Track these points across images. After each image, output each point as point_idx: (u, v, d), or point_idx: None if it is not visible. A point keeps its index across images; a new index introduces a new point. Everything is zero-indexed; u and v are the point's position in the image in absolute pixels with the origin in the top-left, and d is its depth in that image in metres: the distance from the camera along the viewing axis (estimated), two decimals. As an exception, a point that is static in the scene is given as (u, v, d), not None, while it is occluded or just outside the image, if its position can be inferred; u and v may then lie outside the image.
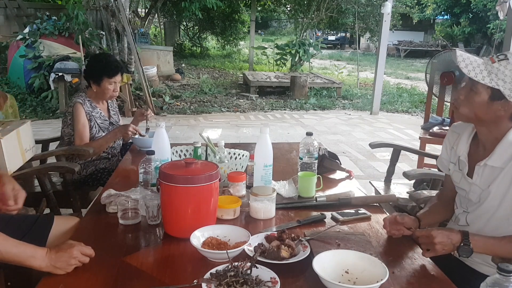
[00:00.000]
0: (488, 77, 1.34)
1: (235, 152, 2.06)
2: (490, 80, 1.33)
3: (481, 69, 1.35)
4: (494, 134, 1.42)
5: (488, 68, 1.35)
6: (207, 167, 1.48)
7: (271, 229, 1.51)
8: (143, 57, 8.65)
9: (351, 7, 12.66)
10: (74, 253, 1.23)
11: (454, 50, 1.43)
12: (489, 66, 1.35)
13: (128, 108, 6.99)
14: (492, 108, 1.36)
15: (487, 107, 1.36)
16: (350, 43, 24.98)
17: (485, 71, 1.34)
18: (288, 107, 8.29)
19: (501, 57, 1.35)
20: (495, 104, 1.35)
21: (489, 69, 1.34)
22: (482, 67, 1.35)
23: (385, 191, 2.72)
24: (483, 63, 1.36)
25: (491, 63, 1.35)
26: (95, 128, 2.65)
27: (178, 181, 1.39)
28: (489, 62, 1.36)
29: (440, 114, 3.83)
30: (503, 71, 1.32)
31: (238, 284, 1.08)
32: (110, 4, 7.70)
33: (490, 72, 1.34)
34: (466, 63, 1.35)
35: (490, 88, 1.34)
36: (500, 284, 0.92)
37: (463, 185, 1.52)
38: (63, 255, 1.23)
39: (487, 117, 1.39)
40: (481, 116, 1.39)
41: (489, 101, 1.35)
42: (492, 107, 1.36)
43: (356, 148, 5.66)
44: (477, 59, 1.38)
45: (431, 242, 1.31)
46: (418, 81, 12.30)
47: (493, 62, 1.35)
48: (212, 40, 18.71)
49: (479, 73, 1.34)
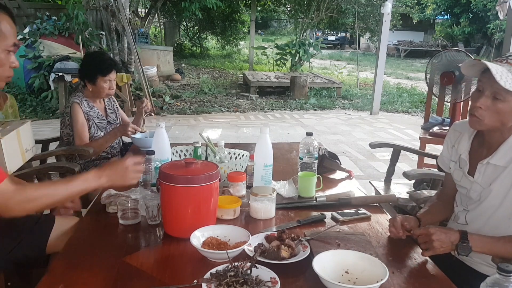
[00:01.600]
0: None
1: (235, 152, 2.06)
2: None
3: (511, 77, 1.30)
4: (505, 136, 1.41)
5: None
6: (207, 167, 1.48)
7: (271, 229, 1.51)
8: (143, 57, 8.65)
9: (351, 7, 12.66)
10: (127, 164, 1.31)
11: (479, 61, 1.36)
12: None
13: (128, 108, 6.98)
14: None
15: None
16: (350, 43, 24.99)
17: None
18: (288, 107, 8.30)
19: None
20: None
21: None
22: (511, 75, 1.31)
23: (385, 191, 2.73)
24: (508, 70, 1.32)
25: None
26: (93, 127, 2.65)
27: (178, 181, 1.39)
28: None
29: (440, 114, 3.83)
30: None
31: (238, 284, 1.08)
32: (110, 4, 7.70)
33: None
34: (500, 75, 1.30)
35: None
36: (500, 284, 0.92)
37: (464, 184, 1.52)
38: (117, 168, 1.32)
39: (509, 123, 1.37)
40: (505, 122, 1.37)
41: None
42: None
43: (356, 148, 5.66)
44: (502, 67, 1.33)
45: (429, 240, 1.32)
46: (418, 81, 12.30)
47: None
48: (212, 40, 18.72)
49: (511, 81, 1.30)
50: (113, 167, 1.37)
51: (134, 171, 1.36)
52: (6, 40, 1.29)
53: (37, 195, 1.28)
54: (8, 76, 1.35)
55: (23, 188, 1.28)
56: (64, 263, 1.28)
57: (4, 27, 1.28)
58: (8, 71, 1.34)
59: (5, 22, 1.28)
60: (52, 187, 1.37)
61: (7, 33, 1.28)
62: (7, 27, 1.29)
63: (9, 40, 1.30)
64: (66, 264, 1.27)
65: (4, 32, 1.28)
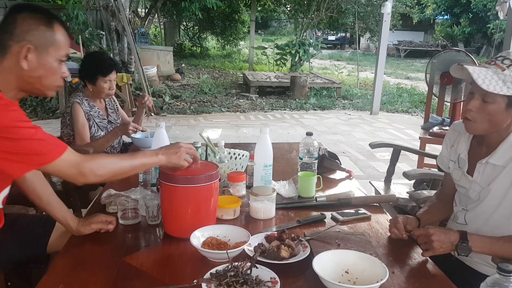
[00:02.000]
0: (504, 86, 1.32)
1: (235, 152, 2.06)
2: (507, 89, 1.32)
3: (495, 80, 1.33)
4: (503, 135, 1.42)
5: (501, 77, 1.34)
6: (207, 167, 1.48)
7: (271, 229, 1.51)
8: (143, 57, 8.65)
9: (351, 7, 12.67)
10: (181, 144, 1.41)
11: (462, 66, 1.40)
12: (501, 75, 1.34)
13: (128, 108, 6.98)
14: (510, 114, 1.36)
15: (506, 114, 1.36)
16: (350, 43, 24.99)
17: (500, 81, 1.33)
18: (288, 107, 8.30)
19: (507, 62, 1.35)
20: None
21: (502, 78, 1.33)
22: (496, 78, 1.34)
23: (385, 191, 2.73)
24: (494, 72, 1.35)
25: (501, 71, 1.34)
26: (94, 127, 2.65)
27: (178, 181, 1.39)
28: (499, 70, 1.35)
29: (440, 114, 3.83)
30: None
31: (238, 284, 1.08)
32: (110, 4, 7.70)
33: (505, 81, 1.33)
34: (482, 78, 1.33)
35: (506, 96, 1.33)
36: (500, 284, 0.92)
37: (463, 183, 1.52)
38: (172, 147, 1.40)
39: (503, 124, 1.38)
40: (499, 124, 1.38)
41: (507, 108, 1.35)
42: (510, 113, 1.36)
43: (356, 148, 5.66)
44: (486, 70, 1.36)
45: (429, 240, 1.32)
46: (418, 81, 12.30)
47: (502, 70, 1.34)
48: (212, 40, 18.72)
49: (496, 84, 1.33)
50: (169, 147, 1.43)
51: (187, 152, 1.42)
52: (60, 51, 1.34)
53: (105, 161, 1.33)
54: (58, 85, 1.40)
55: (91, 156, 1.35)
56: (64, 263, 1.28)
57: (59, 37, 1.33)
58: (59, 81, 1.39)
59: (61, 33, 1.34)
60: (117, 156, 1.45)
61: (61, 43, 1.34)
62: (62, 38, 1.34)
63: (63, 50, 1.35)
64: (66, 264, 1.27)
65: (59, 43, 1.33)
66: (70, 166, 1.26)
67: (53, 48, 1.31)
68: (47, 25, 1.30)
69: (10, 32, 1.27)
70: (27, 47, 1.26)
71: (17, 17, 1.27)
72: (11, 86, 1.30)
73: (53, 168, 1.24)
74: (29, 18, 1.28)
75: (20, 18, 1.27)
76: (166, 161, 1.39)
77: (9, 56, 1.27)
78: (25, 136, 1.18)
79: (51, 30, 1.30)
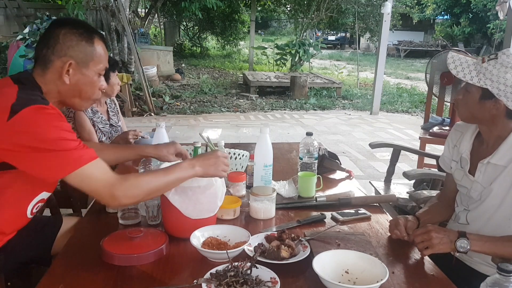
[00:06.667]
0: (476, 77, 1.37)
1: (235, 152, 2.06)
2: (478, 80, 1.37)
3: (470, 69, 1.38)
4: (495, 133, 1.43)
5: (478, 68, 1.38)
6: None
7: (271, 229, 1.51)
8: (143, 57, 8.65)
9: (351, 7, 12.67)
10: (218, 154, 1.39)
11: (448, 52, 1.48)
12: (478, 66, 1.38)
13: (128, 108, 6.99)
14: (485, 107, 1.39)
15: (480, 107, 1.40)
16: (350, 43, 24.99)
17: (474, 71, 1.38)
18: (288, 107, 8.30)
19: (492, 56, 1.38)
20: (487, 103, 1.38)
21: (478, 69, 1.38)
22: (472, 68, 1.39)
23: (385, 191, 2.72)
24: (474, 63, 1.40)
25: (481, 63, 1.38)
26: (98, 133, 2.65)
27: (178, 181, 1.38)
28: (480, 62, 1.39)
29: (440, 114, 3.83)
30: (491, 71, 1.35)
31: (238, 284, 1.08)
32: (110, 4, 7.70)
33: (479, 72, 1.37)
34: (456, 64, 1.40)
35: (481, 88, 1.37)
36: (500, 284, 0.92)
37: (465, 183, 1.53)
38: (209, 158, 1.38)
39: (482, 116, 1.42)
40: (476, 115, 1.43)
41: (481, 101, 1.39)
42: (485, 106, 1.39)
43: (356, 148, 5.66)
44: (470, 59, 1.42)
45: (428, 237, 1.32)
46: (418, 81, 12.30)
47: (483, 62, 1.38)
48: (212, 40, 18.72)
49: (468, 73, 1.38)
50: (206, 157, 1.39)
51: (224, 163, 1.39)
52: (100, 64, 1.36)
53: (139, 182, 1.28)
54: (96, 98, 1.42)
55: (125, 176, 1.30)
56: (64, 263, 1.28)
57: (99, 52, 1.35)
58: (98, 93, 1.40)
59: (100, 47, 1.36)
60: (151, 173, 1.38)
61: (101, 57, 1.36)
62: (102, 52, 1.37)
63: (103, 64, 1.37)
64: (66, 264, 1.27)
65: (99, 57, 1.35)
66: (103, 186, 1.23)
67: (93, 63, 1.34)
68: (87, 40, 1.32)
69: (53, 47, 1.29)
70: (69, 62, 1.29)
71: (59, 33, 1.30)
72: (53, 98, 1.33)
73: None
74: (71, 34, 1.30)
75: (62, 33, 1.30)
76: (203, 172, 1.36)
77: (52, 70, 1.30)
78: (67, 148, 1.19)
79: (91, 45, 1.33)
